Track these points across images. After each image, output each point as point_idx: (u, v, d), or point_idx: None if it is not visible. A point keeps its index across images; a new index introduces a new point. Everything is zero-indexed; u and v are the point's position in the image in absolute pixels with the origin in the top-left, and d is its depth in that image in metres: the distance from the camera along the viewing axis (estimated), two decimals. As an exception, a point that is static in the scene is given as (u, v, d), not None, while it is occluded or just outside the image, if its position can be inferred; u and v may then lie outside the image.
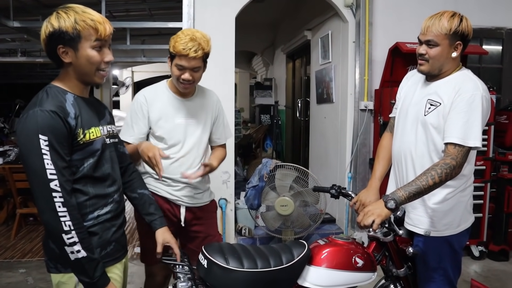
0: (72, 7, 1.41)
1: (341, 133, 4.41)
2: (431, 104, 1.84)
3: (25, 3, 5.13)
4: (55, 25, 1.38)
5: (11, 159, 4.81)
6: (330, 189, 2.13)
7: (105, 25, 1.43)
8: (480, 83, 1.81)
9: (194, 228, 2.26)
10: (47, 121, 1.32)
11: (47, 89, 1.43)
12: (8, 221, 4.95)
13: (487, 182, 3.82)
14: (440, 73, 1.87)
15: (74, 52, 1.41)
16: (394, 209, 1.67)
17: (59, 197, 1.32)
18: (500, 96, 4.53)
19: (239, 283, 1.67)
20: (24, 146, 1.33)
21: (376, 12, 4.12)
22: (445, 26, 1.76)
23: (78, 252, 1.34)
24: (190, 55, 1.94)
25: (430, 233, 1.87)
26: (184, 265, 1.70)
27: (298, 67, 7.01)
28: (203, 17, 3.85)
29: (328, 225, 4.45)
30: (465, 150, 1.72)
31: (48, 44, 1.41)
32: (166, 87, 2.17)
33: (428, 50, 1.81)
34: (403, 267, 1.95)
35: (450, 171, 1.68)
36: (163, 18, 6.50)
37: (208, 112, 2.23)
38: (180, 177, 2.11)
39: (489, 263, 3.88)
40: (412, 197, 1.68)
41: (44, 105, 1.35)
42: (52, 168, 1.31)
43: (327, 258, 1.80)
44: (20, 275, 3.56)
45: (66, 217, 1.32)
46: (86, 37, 1.40)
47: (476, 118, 1.72)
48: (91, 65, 1.44)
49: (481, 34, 4.37)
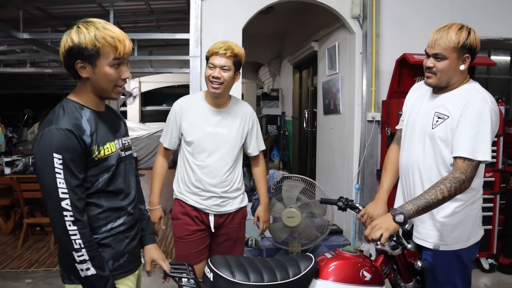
0: (93, 22, 1.41)
1: (348, 144, 4.39)
2: (439, 117, 1.82)
3: (35, 15, 5.20)
4: (75, 40, 1.38)
5: (19, 169, 4.83)
6: (338, 201, 2.12)
7: (124, 43, 1.43)
8: (488, 95, 1.79)
9: (222, 232, 2.37)
10: (63, 140, 1.33)
11: (63, 104, 1.44)
12: (15, 231, 4.96)
13: (496, 194, 3.77)
14: (448, 85, 1.85)
15: (92, 68, 1.41)
16: (402, 223, 1.65)
17: (70, 216, 1.33)
18: (509, 107, 4.50)
19: None
20: (39, 163, 1.34)
21: (383, 23, 4.12)
22: (453, 40, 1.74)
23: (87, 270, 1.36)
24: (220, 52, 2.15)
25: (439, 247, 1.85)
26: (190, 278, 1.69)
27: (305, 78, 7.02)
28: (211, 29, 3.88)
29: (335, 236, 4.41)
30: (475, 164, 1.70)
31: (67, 58, 1.41)
32: (202, 97, 2.31)
33: (436, 63, 1.80)
34: (412, 281, 1.92)
35: (459, 185, 1.66)
36: (171, 30, 6.56)
37: (240, 123, 2.32)
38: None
39: (499, 276, 3.82)
40: (420, 211, 1.66)
41: (60, 123, 1.35)
42: (64, 187, 1.33)
43: (334, 272, 1.78)
44: (27, 285, 3.55)
45: (76, 235, 1.34)
46: (105, 55, 1.40)
47: (485, 132, 1.70)
48: (109, 82, 1.45)
49: (489, 45, 4.36)
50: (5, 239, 4.82)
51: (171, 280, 1.79)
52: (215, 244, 2.39)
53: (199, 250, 2.30)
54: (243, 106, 2.37)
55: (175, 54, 6.45)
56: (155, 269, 1.86)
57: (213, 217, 2.31)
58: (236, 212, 2.37)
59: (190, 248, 2.30)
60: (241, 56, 2.21)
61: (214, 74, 2.16)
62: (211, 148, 2.25)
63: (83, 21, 1.42)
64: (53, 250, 4.43)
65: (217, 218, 2.32)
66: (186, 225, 2.30)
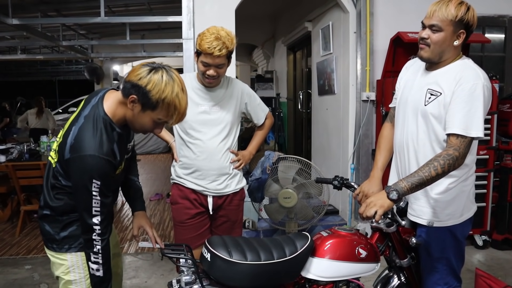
0: (174, 81, 1.48)
1: (343, 125, 4.40)
2: (431, 94, 1.82)
3: (24, 0, 5.11)
4: (149, 85, 1.45)
5: (14, 156, 4.81)
6: (333, 180, 2.13)
7: (182, 117, 1.54)
8: (481, 72, 1.79)
9: (221, 214, 2.38)
10: (103, 169, 1.49)
11: (103, 123, 1.51)
12: (13, 218, 4.97)
13: (490, 171, 3.81)
14: (441, 61, 1.84)
15: (139, 110, 1.51)
16: (396, 200, 1.67)
17: (98, 230, 1.53)
18: (503, 84, 4.50)
19: (243, 275, 1.68)
20: (79, 181, 1.49)
21: (377, 2, 4.09)
22: (452, 13, 1.74)
23: (97, 270, 1.57)
24: (215, 54, 2.05)
25: (433, 224, 1.87)
26: (188, 259, 1.71)
27: (299, 59, 6.98)
28: (203, 10, 3.83)
29: (331, 216, 4.46)
30: (468, 141, 1.71)
31: (131, 88, 1.48)
32: (194, 77, 2.29)
33: (431, 34, 1.78)
34: (406, 257, 1.96)
35: (453, 162, 1.68)
36: (163, 12, 6.48)
37: (234, 101, 2.32)
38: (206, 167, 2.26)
39: (493, 252, 3.89)
40: (414, 188, 1.68)
41: (102, 150, 1.48)
42: (98, 207, 1.51)
43: (330, 250, 1.81)
44: (26, 271, 3.58)
45: (98, 243, 1.55)
46: (157, 113, 1.50)
47: (478, 108, 1.71)
48: (142, 129, 1.59)
49: (484, 23, 4.33)
50: (3, 226, 4.83)
51: (169, 262, 1.81)
52: (214, 226, 2.41)
53: (199, 234, 2.31)
54: (235, 83, 2.36)
55: (167, 37, 6.39)
56: (153, 253, 1.88)
57: (212, 199, 2.32)
58: (234, 194, 2.38)
59: (190, 232, 2.31)
60: (233, 46, 2.14)
61: (210, 73, 2.13)
62: (206, 128, 2.25)
63: (168, 69, 1.51)
64: (52, 236, 4.45)
65: (215, 199, 2.33)
66: (186, 209, 2.31)
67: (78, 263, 1.66)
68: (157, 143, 10.78)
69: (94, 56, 8.62)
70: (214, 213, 2.36)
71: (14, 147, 5.00)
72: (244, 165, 2.42)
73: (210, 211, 2.33)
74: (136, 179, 1.96)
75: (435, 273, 1.94)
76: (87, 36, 8.05)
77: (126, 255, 3.78)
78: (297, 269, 1.79)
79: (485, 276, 2.59)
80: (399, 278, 2.02)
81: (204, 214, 2.34)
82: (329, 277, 1.81)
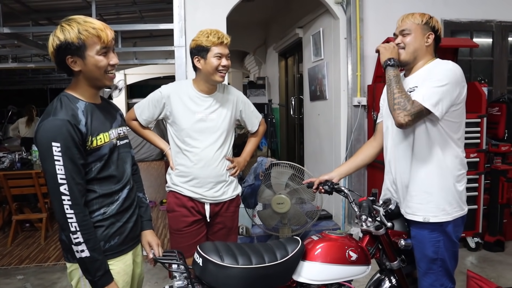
0: (74, 19, 1.52)
1: (335, 130, 4.43)
2: (410, 92, 1.91)
3: (14, 9, 5.10)
4: (60, 37, 1.49)
5: (5, 165, 4.78)
6: (323, 185, 2.14)
7: (106, 32, 1.54)
8: (453, 63, 1.90)
9: (217, 221, 2.39)
10: (60, 129, 1.44)
11: (61, 97, 1.55)
12: (4, 228, 4.92)
13: (481, 173, 3.84)
14: (416, 63, 1.99)
15: (82, 60, 1.52)
16: (391, 63, 1.92)
17: (67, 200, 1.44)
18: (492, 88, 4.56)
19: (235, 280, 1.70)
20: (41, 152, 1.46)
21: (367, 8, 4.14)
22: (417, 18, 1.97)
23: (82, 251, 1.46)
24: (225, 41, 2.18)
25: (429, 220, 1.92)
26: (180, 264, 1.71)
27: (291, 65, 7.02)
28: (194, 18, 3.86)
29: (325, 221, 4.47)
30: (421, 108, 1.79)
31: (57, 56, 1.52)
32: (191, 85, 2.31)
33: (403, 39, 1.99)
34: (396, 259, 1.98)
35: (401, 107, 1.80)
36: (154, 20, 6.49)
37: (229, 108, 2.34)
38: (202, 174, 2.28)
39: (485, 254, 3.92)
40: (393, 79, 1.88)
41: (58, 114, 1.47)
42: (63, 173, 1.44)
43: (321, 253, 1.84)
44: (18, 282, 3.55)
45: (72, 218, 1.45)
46: (90, 45, 1.51)
47: (443, 89, 1.80)
48: (99, 70, 1.55)
49: (471, 27, 4.40)
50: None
51: (163, 270, 1.81)
52: (211, 233, 2.41)
53: (196, 241, 2.29)
54: (230, 91, 2.38)
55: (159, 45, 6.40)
56: (146, 261, 1.88)
57: (209, 206, 2.32)
58: (231, 201, 2.39)
59: (187, 239, 2.30)
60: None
61: (225, 63, 2.19)
62: (202, 136, 2.26)
63: (64, 20, 1.53)
64: (44, 245, 4.42)
65: (213, 207, 2.33)
66: (183, 217, 2.31)
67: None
68: (150, 151, 10.76)
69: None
70: (211, 220, 2.36)
71: (5, 156, 4.96)
72: (239, 171, 2.44)
73: (208, 218, 2.34)
74: (142, 195, 1.88)
75: (431, 274, 1.97)
76: (78, 44, 8.03)
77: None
78: (289, 272, 1.80)
79: (476, 278, 2.62)
80: (390, 281, 2.04)
81: (201, 222, 2.34)
82: (320, 280, 1.83)
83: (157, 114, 2.32)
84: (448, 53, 3.95)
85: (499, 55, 4.60)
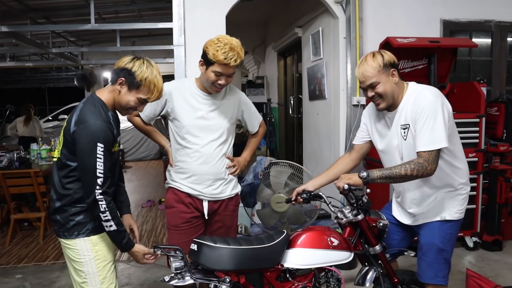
0: (153, 67, 1.83)
1: (334, 129, 4.43)
2: (403, 128, 2.05)
3: (12, 7, 5.09)
4: (134, 67, 1.80)
5: (3, 164, 4.77)
6: (301, 195, 2.19)
7: (160, 94, 1.88)
8: (427, 90, 2.03)
9: (216, 219, 2.40)
10: (105, 133, 1.76)
11: (100, 103, 1.83)
12: (3, 227, 4.91)
13: (479, 173, 3.85)
14: (396, 100, 2.06)
15: (126, 91, 1.83)
16: (364, 179, 1.95)
17: (99, 188, 1.75)
18: (491, 88, 4.57)
19: (226, 258, 1.87)
20: (84, 147, 1.73)
21: (366, 7, 4.14)
22: (374, 66, 2.00)
23: (110, 226, 1.79)
24: (231, 64, 2.09)
25: (445, 217, 2.10)
26: (178, 249, 1.85)
27: (290, 64, 7.02)
28: (193, 17, 3.85)
29: (323, 220, 4.46)
30: (435, 152, 1.93)
31: (119, 72, 1.82)
32: (193, 83, 2.31)
33: (375, 90, 2.03)
34: (378, 243, 2.10)
35: (422, 169, 1.91)
36: (153, 19, 6.49)
37: (231, 107, 2.34)
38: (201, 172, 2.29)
39: (483, 253, 3.93)
40: (383, 178, 1.95)
41: (101, 119, 1.76)
42: (101, 169, 1.75)
43: (304, 240, 2.01)
44: (17, 281, 3.54)
45: (102, 201, 1.75)
46: (139, 91, 1.83)
47: (437, 122, 1.92)
48: (126, 106, 1.87)
49: (470, 27, 4.40)
50: (-7, 235, 4.78)
51: (162, 269, 1.85)
52: (209, 231, 2.41)
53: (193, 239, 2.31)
54: (232, 91, 2.38)
55: (158, 44, 6.39)
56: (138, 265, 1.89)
57: (207, 203, 2.32)
58: (230, 199, 2.39)
59: (184, 236, 2.29)
60: (243, 56, 2.17)
61: (222, 82, 2.15)
62: (203, 133, 2.26)
63: (148, 59, 1.85)
64: (42, 244, 4.41)
65: (211, 204, 2.33)
66: (181, 213, 2.31)
67: (87, 246, 1.87)
68: (148, 150, 10.74)
69: (84, 63, 8.58)
70: (209, 218, 2.36)
71: (3, 155, 4.95)
72: (239, 171, 2.44)
73: (206, 215, 2.34)
74: (122, 184, 2.16)
75: (436, 265, 2.10)
76: (77, 43, 8.02)
77: (119, 262, 3.76)
78: (275, 256, 1.95)
79: (475, 277, 2.63)
80: (376, 269, 2.12)
81: (199, 219, 2.34)
82: (305, 265, 1.99)
83: (159, 111, 2.32)
84: (448, 53, 3.96)
85: (498, 55, 4.61)
